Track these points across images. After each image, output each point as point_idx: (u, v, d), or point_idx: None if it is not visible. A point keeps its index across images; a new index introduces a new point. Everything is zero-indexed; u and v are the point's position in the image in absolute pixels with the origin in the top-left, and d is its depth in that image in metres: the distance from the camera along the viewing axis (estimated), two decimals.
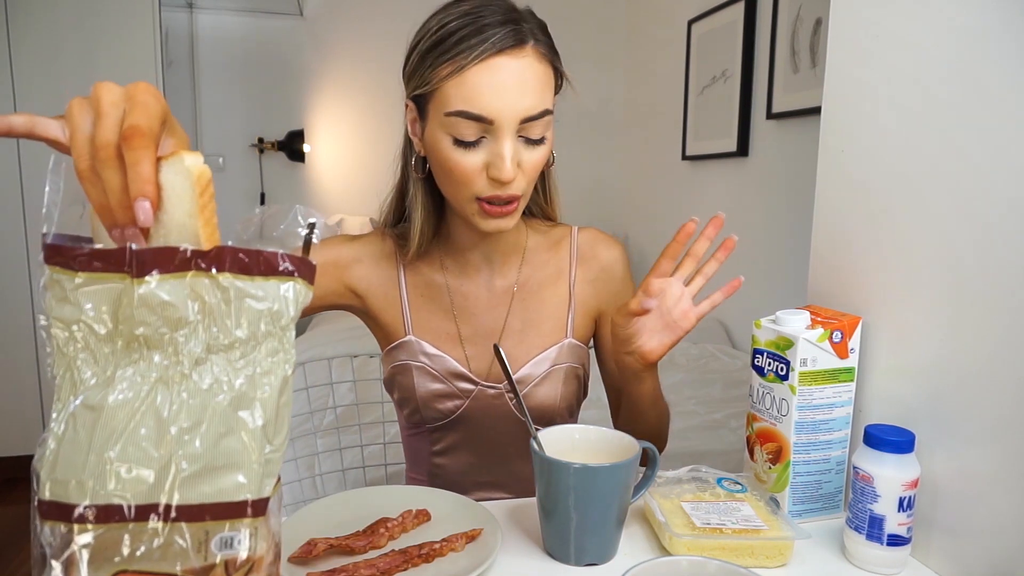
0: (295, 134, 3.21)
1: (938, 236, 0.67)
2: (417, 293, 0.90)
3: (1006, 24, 0.60)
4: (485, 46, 0.70)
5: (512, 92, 0.72)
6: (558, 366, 0.88)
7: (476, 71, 0.71)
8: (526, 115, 0.73)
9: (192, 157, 0.41)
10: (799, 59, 2.17)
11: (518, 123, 0.73)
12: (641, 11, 3.37)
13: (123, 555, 0.38)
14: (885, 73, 0.73)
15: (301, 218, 0.44)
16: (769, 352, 0.75)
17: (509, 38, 0.71)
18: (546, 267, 0.92)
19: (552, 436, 0.71)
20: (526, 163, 0.76)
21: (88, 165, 0.41)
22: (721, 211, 0.82)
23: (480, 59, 0.70)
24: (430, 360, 0.87)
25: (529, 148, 0.76)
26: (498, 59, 0.71)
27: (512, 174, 0.74)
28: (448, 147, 0.74)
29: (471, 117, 0.72)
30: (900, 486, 0.64)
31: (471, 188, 0.76)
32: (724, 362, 2.37)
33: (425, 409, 0.88)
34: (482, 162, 0.74)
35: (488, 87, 0.71)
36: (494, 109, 0.71)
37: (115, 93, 0.41)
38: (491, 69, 0.71)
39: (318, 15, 3.23)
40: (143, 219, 0.39)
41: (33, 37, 2.46)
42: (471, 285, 0.90)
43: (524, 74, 0.72)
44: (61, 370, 0.40)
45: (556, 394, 0.88)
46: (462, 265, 0.90)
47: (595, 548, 0.66)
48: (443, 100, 0.73)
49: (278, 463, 0.43)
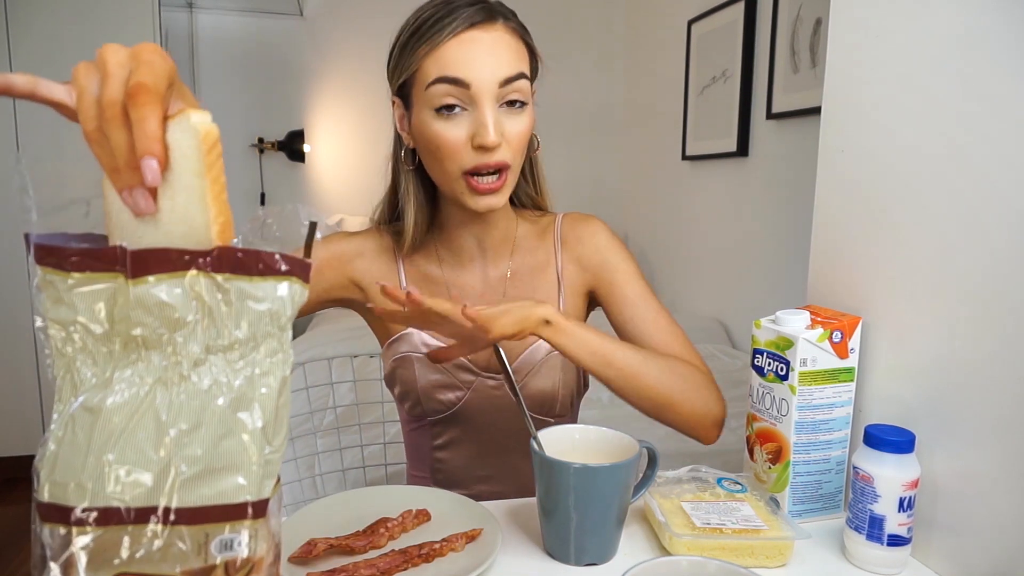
0: (295, 134, 3.21)
1: (938, 236, 0.67)
2: (416, 286, 0.90)
3: (1006, 25, 0.60)
4: (457, 22, 0.75)
5: (487, 58, 0.76)
6: (554, 352, 0.89)
7: (451, 45, 0.75)
8: (503, 77, 0.76)
9: (199, 115, 0.41)
10: (799, 59, 2.17)
11: (496, 87, 0.76)
12: (641, 11, 3.37)
13: (122, 557, 0.38)
14: (885, 73, 0.73)
15: (302, 217, 0.44)
16: (769, 352, 0.75)
17: (479, 14, 0.77)
18: (535, 254, 0.93)
19: (552, 436, 0.71)
20: (509, 132, 0.78)
21: (95, 126, 0.40)
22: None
23: (453, 34, 0.75)
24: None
25: (511, 116, 0.78)
26: (471, 32, 0.76)
27: (496, 139, 0.76)
28: (432, 120, 0.77)
29: (449, 81, 0.75)
30: (900, 486, 0.64)
31: (457, 161, 0.78)
32: (724, 362, 2.36)
33: (427, 401, 0.89)
34: (466, 134, 0.77)
35: (463, 55, 0.75)
36: (470, 73, 0.75)
37: (121, 54, 0.40)
38: (465, 41, 0.76)
39: (318, 15, 3.23)
40: (150, 178, 0.39)
41: (33, 37, 2.46)
42: (466, 275, 0.91)
43: (496, 43, 0.77)
44: (61, 371, 0.40)
45: (555, 381, 0.89)
46: (457, 255, 0.91)
47: (595, 548, 0.66)
48: (423, 77, 0.77)
49: (278, 464, 0.43)
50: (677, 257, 3.05)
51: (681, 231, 3.00)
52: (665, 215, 3.14)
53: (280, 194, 3.28)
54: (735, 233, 2.57)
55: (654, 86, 3.23)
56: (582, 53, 3.43)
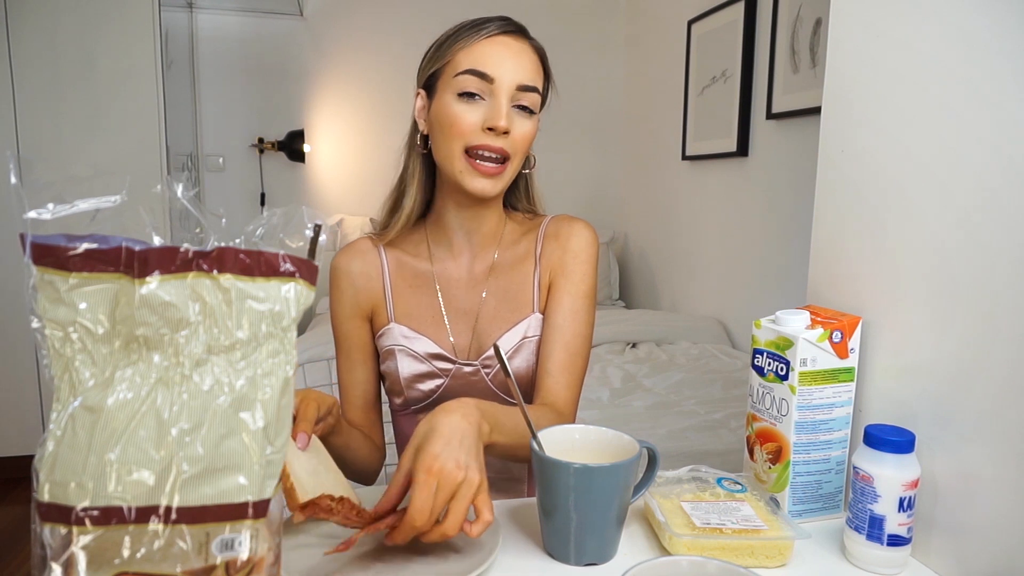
0: (295, 134, 3.21)
1: (938, 236, 0.67)
2: (403, 282, 0.96)
3: (1005, 25, 0.60)
4: (492, 26, 0.87)
5: (512, 61, 0.86)
6: (528, 338, 0.93)
7: (485, 43, 0.86)
8: (522, 82, 0.86)
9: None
10: (799, 59, 2.17)
11: (515, 87, 0.85)
12: (641, 11, 3.37)
13: (123, 557, 0.38)
14: (885, 73, 0.73)
15: (307, 219, 0.44)
16: (769, 352, 0.75)
17: (511, 25, 0.88)
18: (517, 248, 0.98)
19: (552, 436, 0.71)
20: (516, 129, 0.86)
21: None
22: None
23: (489, 34, 0.86)
24: (410, 343, 0.94)
25: (520, 117, 0.87)
26: (502, 36, 0.87)
27: (506, 123, 0.84)
28: (453, 102, 0.86)
29: (477, 74, 0.84)
30: (900, 486, 0.64)
31: (465, 138, 0.85)
32: (724, 362, 2.36)
33: (409, 390, 0.94)
34: (481, 118, 0.85)
35: (493, 54, 0.85)
36: (497, 70, 0.85)
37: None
38: (497, 43, 0.86)
39: (318, 15, 3.23)
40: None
41: (33, 37, 2.46)
42: (454, 267, 0.96)
43: (523, 53, 0.87)
44: (59, 371, 0.40)
45: (529, 365, 0.93)
46: (446, 248, 0.96)
47: (595, 548, 0.66)
48: (454, 67, 0.86)
49: (279, 464, 0.43)
50: (677, 257, 3.05)
51: (681, 231, 3.00)
52: (665, 215, 3.14)
53: (280, 194, 3.28)
54: (735, 233, 2.57)
55: (654, 86, 3.23)
56: (582, 53, 3.43)
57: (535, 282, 0.95)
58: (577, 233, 0.96)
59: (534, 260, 0.96)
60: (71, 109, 2.53)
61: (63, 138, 2.54)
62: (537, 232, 0.98)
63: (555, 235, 0.96)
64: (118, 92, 2.55)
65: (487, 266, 0.96)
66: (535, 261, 0.96)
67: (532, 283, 0.95)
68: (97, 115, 2.55)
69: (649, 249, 3.29)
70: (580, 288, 0.94)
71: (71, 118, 2.53)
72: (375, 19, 3.25)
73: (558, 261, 0.95)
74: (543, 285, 0.96)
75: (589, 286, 0.95)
